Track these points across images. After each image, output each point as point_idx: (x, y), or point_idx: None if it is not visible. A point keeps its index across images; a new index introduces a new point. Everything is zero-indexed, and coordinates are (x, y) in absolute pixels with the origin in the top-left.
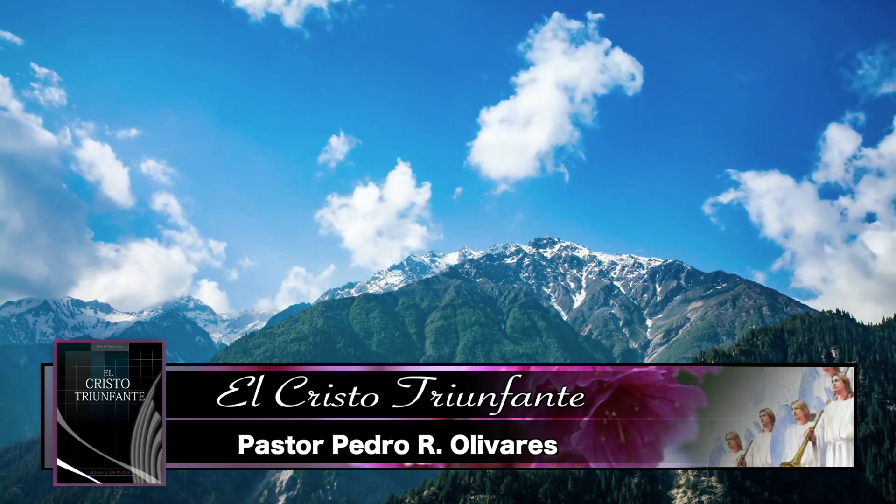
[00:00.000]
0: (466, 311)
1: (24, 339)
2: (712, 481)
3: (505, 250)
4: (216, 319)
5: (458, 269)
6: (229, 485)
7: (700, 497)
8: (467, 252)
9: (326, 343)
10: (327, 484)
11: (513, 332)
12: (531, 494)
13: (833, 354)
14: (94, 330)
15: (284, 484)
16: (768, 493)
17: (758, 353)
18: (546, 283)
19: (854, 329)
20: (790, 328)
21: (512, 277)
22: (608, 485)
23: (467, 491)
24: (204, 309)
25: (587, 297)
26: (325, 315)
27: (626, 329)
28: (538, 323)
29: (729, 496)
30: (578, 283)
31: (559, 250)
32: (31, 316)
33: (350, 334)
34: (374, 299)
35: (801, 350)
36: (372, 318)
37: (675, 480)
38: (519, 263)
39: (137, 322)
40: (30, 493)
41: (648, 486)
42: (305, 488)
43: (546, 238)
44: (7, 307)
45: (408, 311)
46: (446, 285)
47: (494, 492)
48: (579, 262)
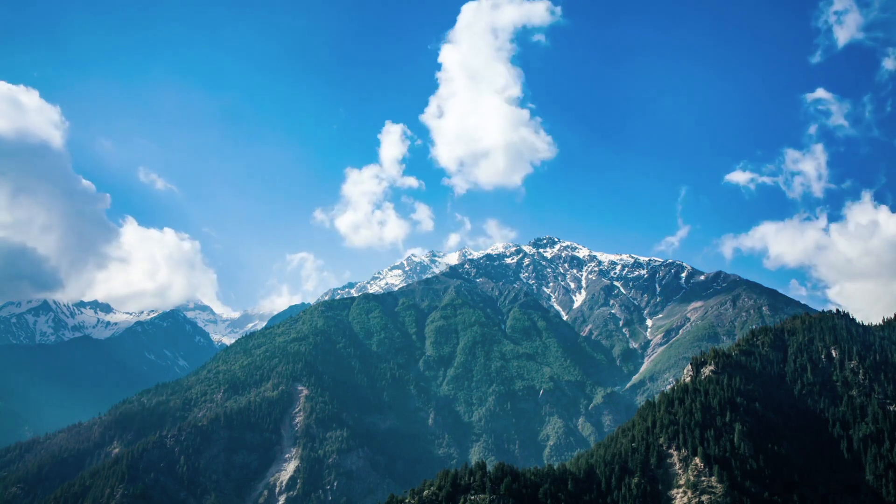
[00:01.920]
0: (466, 311)
1: (24, 339)
2: (712, 481)
3: (505, 250)
4: (216, 319)
5: (458, 269)
6: (229, 485)
7: (700, 497)
8: (467, 252)
9: (326, 343)
10: (327, 484)
11: (513, 332)
12: (531, 494)
13: (833, 354)
14: (95, 330)
15: (284, 484)
16: (768, 493)
17: (758, 353)
18: (546, 283)
19: (854, 329)
20: (790, 328)
21: (512, 277)
22: (608, 485)
23: (467, 491)
24: (204, 309)
25: (587, 297)
26: (325, 315)
27: (626, 329)
28: (538, 323)
29: (729, 496)
30: (578, 283)
31: (559, 250)
32: (31, 316)
33: (350, 334)
34: (374, 299)
35: (801, 350)
36: (372, 318)
37: (675, 480)
38: (519, 263)
39: (137, 322)
40: (30, 492)
41: (648, 486)
42: (305, 488)
43: (546, 238)
44: (7, 307)
45: (408, 311)
46: (446, 285)
47: (494, 492)
48: (579, 262)
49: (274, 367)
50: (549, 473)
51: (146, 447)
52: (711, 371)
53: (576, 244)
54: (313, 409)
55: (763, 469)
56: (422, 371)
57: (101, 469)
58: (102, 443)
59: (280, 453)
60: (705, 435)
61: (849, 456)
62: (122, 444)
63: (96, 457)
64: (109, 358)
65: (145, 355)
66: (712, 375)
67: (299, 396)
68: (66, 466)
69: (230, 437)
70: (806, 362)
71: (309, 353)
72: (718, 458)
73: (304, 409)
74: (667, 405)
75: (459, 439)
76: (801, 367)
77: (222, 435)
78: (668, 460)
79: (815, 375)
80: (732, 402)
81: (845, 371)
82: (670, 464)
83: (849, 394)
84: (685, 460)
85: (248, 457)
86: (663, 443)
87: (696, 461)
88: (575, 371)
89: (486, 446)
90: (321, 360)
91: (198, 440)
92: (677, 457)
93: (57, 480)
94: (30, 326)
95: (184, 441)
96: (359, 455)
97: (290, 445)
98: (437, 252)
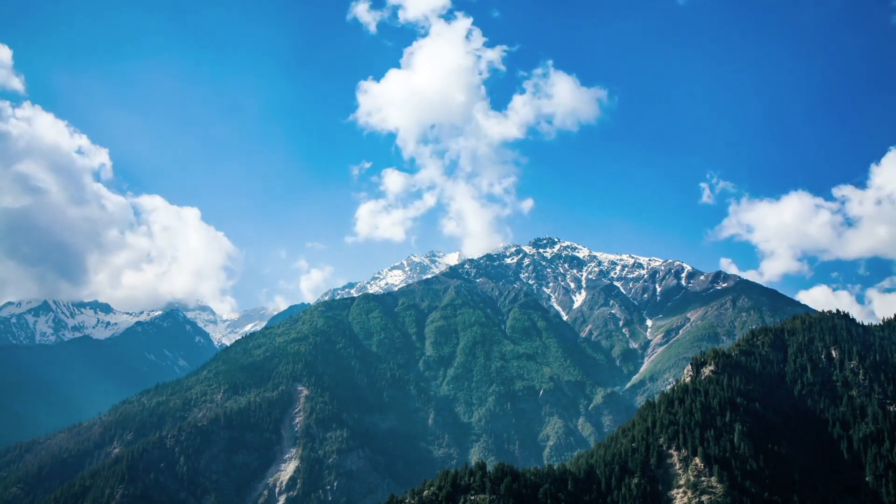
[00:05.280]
0: (466, 311)
1: (24, 339)
2: (712, 481)
3: (505, 250)
4: (216, 319)
5: (458, 269)
6: (229, 485)
7: (700, 497)
8: (467, 252)
9: (326, 343)
10: (327, 484)
11: (513, 333)
12: (531, 494)
13: (833, 354)
14: (95, 330)
15: (284, 484)
16: (768, 493)
17: (758, 353)
18: (546, 283)
19: (854, 329)
20: (790, 328)
21: (512, 277)
22: (608, 485)
23: (467, 491)
24: (204, 309)
25: (587, 298)
26: (325, 315)
27: (626, 329)
28: (538, 323)
29: (729, 496)
30: (578, 283)
31: (559, 250)
32: (31, 316)
33: (350, 334)
34: (373, 299)
35: (801, 350)
36: (372, 318)
37: (675, 480)
38: (519, 263)
39: (137, 322)
40: (30, 493)
41: (648, 486)
42: (305, 488)
43: (546, 238)
44: (7, 307)
45: (408, 311)
46: (446, 285)
47: (494, 492)
48: (579, 262)
49: (274, 368)
50: (549, 473)
51: (146, 447)
52: (711, 371)
53: (576, 244)
54: (313, 409)
55: (763, 469)
56: (422, 371)
57: (101, 469)
58: (102, 443)
59: (280, 453)
60: (705, 435)
61: (849, 456)
62: (122, 444)
63: (96, 457)
64: (109, 358)
65: (145, 355)
66: (712, 375)
67: (299, 396)
68: (66, 466)
69: (230, 438)
70: (806, 362)
71: (309, 354)
72: (718, 458)
73: (304, 410)
74: (667, 405)
75: (459, 439)
76: (801, 367)
77: (222, 435)
78: (668, 460)
79: (815, 375)
80: (732, 403)
81: (845, 371)
82: (670, 464)
83: (849, 394)
84: (685, 460)
85: (248, 457)
86: (663, 443)
87: (696, 461)
88: (575, 371)
89: (485, 446)
90: (321, 360)
91: (198, 440)
92: (677, 457)
93: (57, 480)
94: (30, 326)
95: (184, 441)
96: (359, 455)
97: (290, 446)
98: (436, 252)
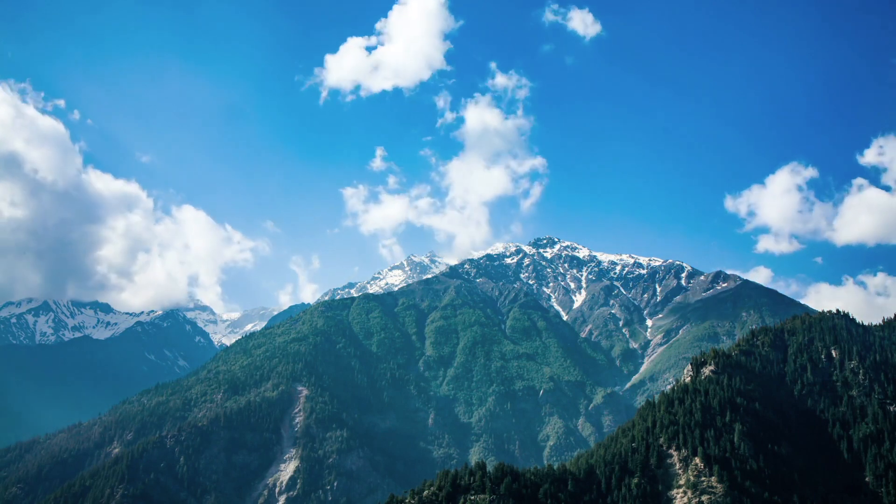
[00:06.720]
0: (466, 311)
1: (24, 339)
2: (712, 481)
3: (505, 250)
4: (216, 319)
5: (458, 269)
6: (229, 485)
7: (700, 497)
8: (467, 252)
9: (326, 343)
10: (327, 484)
11: (513, 333)
12: (531, 494)
13: (833, 354)
14: (95, 330)
15: (284, 484)
16: (768, 493)
17: (758, 353)
18: (546, 283)
19: (854, 329)
20: (790, 328)
21: (512, 277)
22: (608, 485)
23: (467, 491)
24: (204, 309)
25: (587, 297)
26: (325, 315)
27: (626, 329)
28: (538, 323)
29: (729, 496)
30: (578, 283)
31: (559, 250)
32: (31, 316)
33: (350, 334)
34: (373, 299)
35: (801, 350)
36: (372, 318)
37: (675, 480)
38: (519, 263)
39: (137, 322)
40: (30, 493)
41: (648, 486)
42: (305, 488)
43: (546, 238)
44: (7, 307)
45: (408, 311)
46: (446, 285)
47: (494, 492)
48: (579, 262)
49: (274, 368)
50: (549, 473)
51: (146, 447)
52: (711, 371)
53: (576, 244)
54: (313, 409)
55: (763, 469)
56: (421, 371)
57: (101, 469)
58: (102, 443)
59: (280, 453)
60: (705, 435)
61: (849, 456)
62: (122, 444)
63: (96, 457)
64: (109, 358)
65: (145, 355)
66: (712, 375)
67: (299, 397)
68: (66, 466)
69: (230, 438)
70: (806, 362)
71: (309, 354)
72: (718, 458)
73: (303, 410)
74: (667, 405)
75: (459, 439)
76: (801, 367)
77: (222, 435)
78: (668, 460)
79: (816, 375)
80: (732, 403)
81: (845, 371)
82: (670, 464)
83: (849, 394)
84: (685, 460)
85: (248, 457)
86: (663, 443)
87: (697, 461)
88: (575, 371)
89: (485, 446)
90: (321, 360)
91: (198, 440)
92: (677, 457)
93: (57, 480)
94: (30, 326)
95: (184, 441)
96: (359, 455)
97: (289, 446)
98: (436, 252)
